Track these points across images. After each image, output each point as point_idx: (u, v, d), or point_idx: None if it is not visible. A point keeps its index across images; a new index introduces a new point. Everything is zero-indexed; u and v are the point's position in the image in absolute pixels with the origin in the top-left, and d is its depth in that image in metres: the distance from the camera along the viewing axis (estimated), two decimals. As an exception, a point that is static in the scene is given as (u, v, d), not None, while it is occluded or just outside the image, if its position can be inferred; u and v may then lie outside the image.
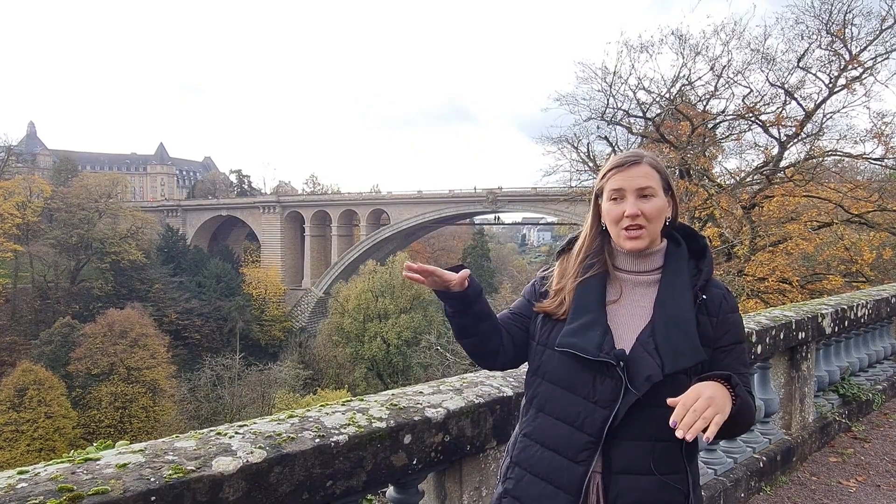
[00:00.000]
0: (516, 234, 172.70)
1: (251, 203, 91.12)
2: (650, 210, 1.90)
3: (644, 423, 1.82)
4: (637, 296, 1.96)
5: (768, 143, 20.07)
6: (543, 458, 1.92)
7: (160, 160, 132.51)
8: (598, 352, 1.84)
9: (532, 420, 1.99)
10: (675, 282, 1.92)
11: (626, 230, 1.90)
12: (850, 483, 4.80)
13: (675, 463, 1.87)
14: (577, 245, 2.06)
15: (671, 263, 1.97)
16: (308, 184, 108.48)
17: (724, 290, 1.98)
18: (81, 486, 1.63)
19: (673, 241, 2.01)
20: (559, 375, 1.93)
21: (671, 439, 1.79)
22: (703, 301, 1.91)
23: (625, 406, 1.80)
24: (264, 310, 75.43)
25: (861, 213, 17.81)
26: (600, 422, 1.82)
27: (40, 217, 72.60)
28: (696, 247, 2.02)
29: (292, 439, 2.06)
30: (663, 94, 21.30)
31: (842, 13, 17.82)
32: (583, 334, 1.88)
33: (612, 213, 1.93)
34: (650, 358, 1.81)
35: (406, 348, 54.84)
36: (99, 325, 52.97)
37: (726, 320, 1.93)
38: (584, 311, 1.93)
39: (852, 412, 6.08)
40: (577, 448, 1.86)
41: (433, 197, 79.51)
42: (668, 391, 1.77)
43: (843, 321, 6.01)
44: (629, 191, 1.90)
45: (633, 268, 1.99)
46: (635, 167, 1.93)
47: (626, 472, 1.83)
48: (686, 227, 2.07)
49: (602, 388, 1.84)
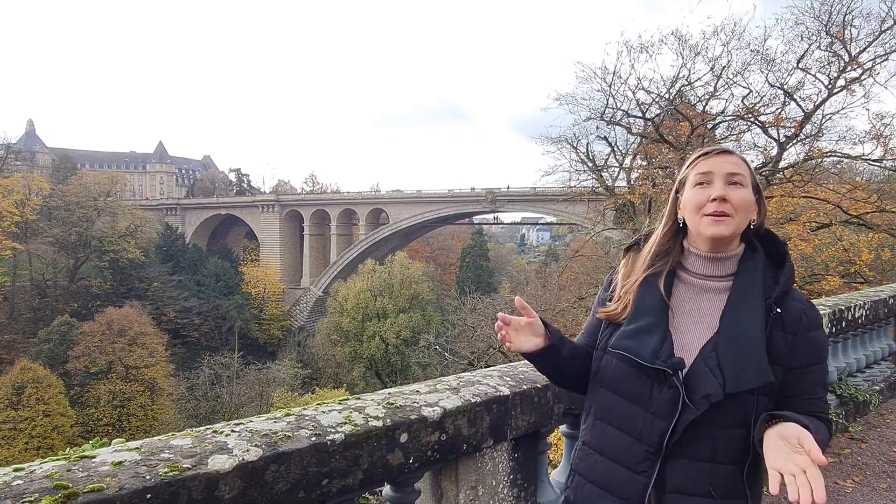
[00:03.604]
0: (515, 234, 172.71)
1: (250, 202, 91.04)
2: (738, 198, 1.76)
3: (702, 442, 1.70)
4: (704, 303, 1.81)
5: (767, 143, 20.10)
6: (604, 468, 1.85)
7: (159, 158, 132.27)
8: (653, 358, 1.73)
9: (591, 428, 1.92)
10: (747, 291, 1.77)
11: (711, 215, 1.76)
12: (846, 483, 4.81)
13: (736, 486, 1.74)
14: (650, 242, 1.92)
15: (745, 271, 1.81)
16: (307, 183, 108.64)
17: (805, 304, 1.79)
18: (77, 484, 1.62)
19: (750, 247, 1.86)
20: (615, 381, 1.83)
21: (731, 461, 1.73)
22: (779, 315, 1.74)
23: (683, 423, 1.69)
24: (263, 309, 75.43)
25: (860, 214, 17.82)
26: (659, 433, 1.72)
27: (39, 215, 72.53)
28: (775, 253, 1.85)
29: (288, 438, 2.05)
30: (663, 95, 21.32)
31: (841, 14, 17.84)
32: (639, 338, 1.77)
33: (697, 198, 1.79)
34: (711, 375, 1.68)
35: (405, 348, 54.84)
36: (97, 324, 52.94)
37: (805, 338, 1.74)
38: (644, 314, 1.81)
39: (849, 413, 6.08)
40: (637, 459, 1.76)
41: (432, 196, 79.45)
42: (729, 411, 1.68)
43: (840, 322, 6.01)
44: (718, 175, 1.77)
45: (705, 271, 1.84)
46: (726, 155, 1.82)
47: (680, 491, 1.73)
48: (768, 233, 1.88)
49: (660, 398, 1.73)
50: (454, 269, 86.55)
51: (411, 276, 60.20)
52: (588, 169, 22.86)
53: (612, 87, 21.32)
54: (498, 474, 2.85)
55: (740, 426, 1.70)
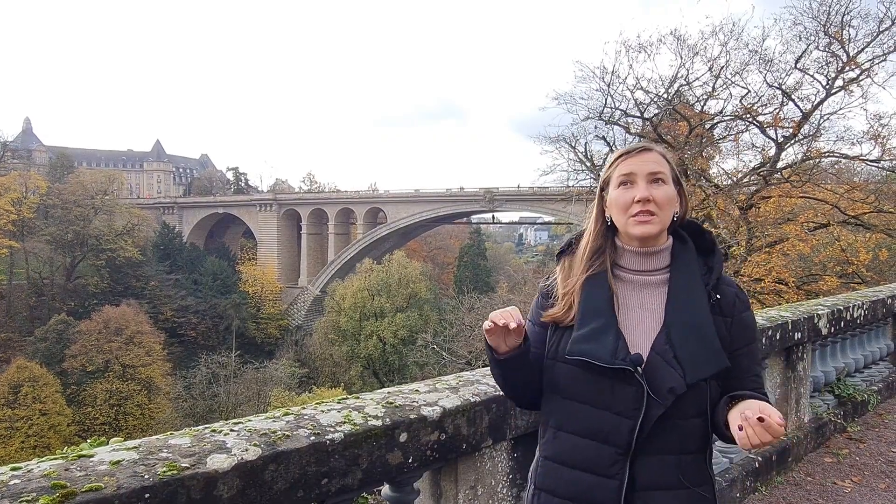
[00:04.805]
0: (513, 234, 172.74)
1: (248, 201, 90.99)
2: (661, 196, 1.79)
3: (668, 436, 1.73)
4: (646, 298, 1.84)
5: (765, 143, 20.12)
6: (571, 479, 1.80)
7: (157, 157, 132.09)
8: (612, 358, 1.72)
9: (552, 441, 1.88)
10: (686, 282, 1.81)
11: (636, 216, 1.79)
12: (845, 483, 4.81)
13: (702, 473, 1.79)
14: (583, 242, 1.93)
15: (679, 262, 1.85)
16: (305, 182, 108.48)
17: (735, 287, 1.88)
18: (75, 483, 1.61)
19: (678, 238, 1.90)
20: (575, 388, 1.80)
21: (697, 451, 1.76)
22: (717, 301, 1.81)
23: (650, 419, 1.70)
24: (260, 308, 75.32)
25: (857, 214, 17.86)
26: (627, 432, 1.72)
27: (36, 213, 72.46)
28: (703, 243, 1.91)
29: (287, 437, 2.05)
30: (661, 95, 21.32)
31: (840, 15, 17.85)
32: (595, 340, 1.75)
33: (621, 199, 1.82)
34: (670, 368, 1.70)
35: (402, 347, 54.79)
36: (94, 323, 52.89)
37: (741, 319, 1.83)
38: (593, 316, 1.80)
39: (848, 413, 6.09)
40: (606, 462, 1.74)
41: (430, 196, 79.47)
42: (690, 401, 1.71)
43: (838, 322, 6.02)
44: (640, 175, 1.80)
45: (640, 267, 1.86)
46: (647, 153, 1.84)
47: (652, 487, 1.73)
48: (692, 223, 1.95)
49: (622, 397, 1.73)
50: (452, 269, 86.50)
51: (409, 276, 60.16)
52: (586, 168, 22.85)
53: (610, 86, 21.31)
54: (497, 474, 2.84)
55: (700, 414, 1.75)
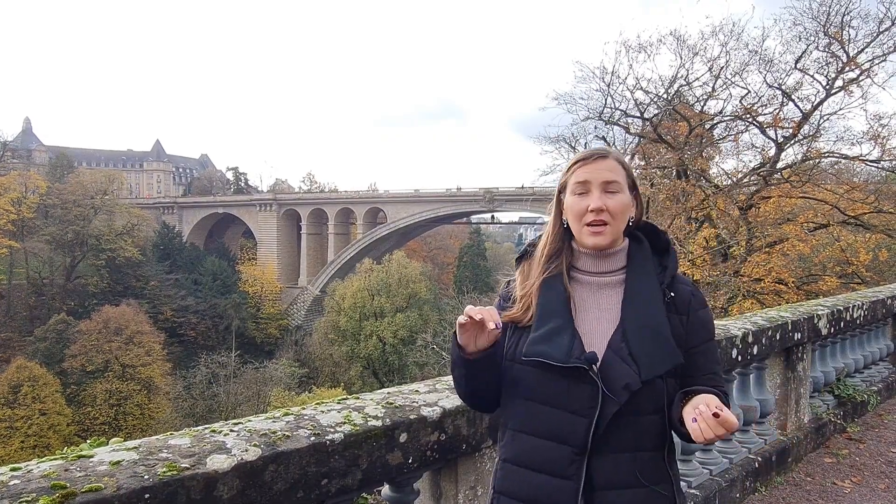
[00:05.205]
0: (513, 234, 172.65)
1: (248, 201, 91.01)
2: (615, 205, 1.81)
3: (624, 433, 1.73)
4: (602, 298, 1.86)
5: (765, 144, 20.12)
6: (531, 482, 1.80)
7: (156, 157, 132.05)
8: (567, 357, 1.73)
9: (510, 443, 1.87)
10: (641, 281, 1.84)
11: (590, 225, 1.81)
12: (844, 484, 4.81)
13: (661, 472, 1.80)
14: (540, 245, 1.95)
15: (635, 262, 1.88)
16: (305, 182, 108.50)
17: (690, 285, 1.91)
18: (75, 484, 1.61)
19: (634, 239, 1.92)
20: (532, 389, 1.80)
21: (654, 448, 1.77)
22: (672, 299, 1.83)
23: (605, 416, 1.71)
24: (260, 308, 75.34)
25: (857, 214, 17.87)
26: (583, 431, 1.72)
27: (36, 213, 72.48)
28: (658, 243, 1.94)
29: (287, 437, 2.04)
30: (661, 95, 21.31)
31: (839, 15, 17.85)
32: (550, 340, 1.76)
33: (576, 207, 1.84)
34: (625, 365, 1.72)
35: (402, 347, 54.85)
36: (94, 322, 52.92)
37: (696, 317, 1.85)
38: (549, 317, 1.81)
39: (847, 413, 6.10)
40: (564, 463, 1.74)
41: (430, 196, 79.51)
42: (646, 398, 1.72)
43: (838, 322, 6.02)
44: (595, 184, 1.82)
45: (595, 269, 1.89)
46: (602, 161, 1.85)
47: (609, 486, 1.73)
48: (648, 224, 1.97)
49: (578, 396, 1.73)
50: (452, 269, 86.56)
51: (409, 276, 60.21)
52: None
53: (610, 86, 21.29)
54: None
55: (657, 412, 1.76)
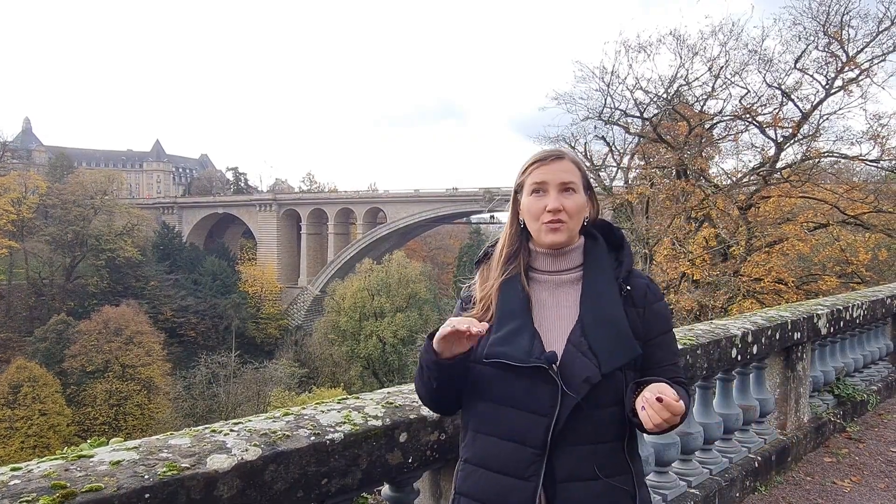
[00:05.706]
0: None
1: (248, 201, 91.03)
2: (571, 206, 1.85)
3: (584, 427, 1.75)
4: (561, 296, 1.88)
5: (765, 143, 20.14)
6: (489, 483, 1.80)
7: (156, 157, 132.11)
8: (527, 357, 1.74)
9: (471, 443, 1.87)
10: (597, 277, 1.87)
11: (547, 224, 1.85)
12: (844, 483, 4.81)
13: (620, 464, 1.81)
14: (499, 246, 1.97)
15: (591, 259, 1.91)
16: (305, 182, 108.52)
17: (646, 279, 1.94)
18: (75, 484, 1.61)
19: (590, 237, 1.96)
20: (492, 390, 1.81)
21: (612, 440, 1.79)
22: (629, 293, 1.86)
23: (565, 411, 1.72)
24: (260, 308, 75.34)
25: (857, 214, 17.89)
26: (543, 430, 1.73)
27: (35, 213, 72.47)
28: (613, 239, 1.97)
29: (287, 437, 2.05)
30: (661, 95, 21.33)
31: (839, 15, 17.88)
32: (510, 341, 1.78)
33: (534, 207, 1.87)
34: (585, 359, 1.74)
35: (402, 347, 54.86)
36: (94, 323, 52.91)
37: (653, 310, 1.88)
38: (509, 318, 1.83)
39: (847, 413, 6.10)
40: (523, 464, 1.75)
41: (430, 195, 79.54)
42: (606, 391, 1.74)
43: (838, 322, 6.02)
44: (552, 185, 1.85)
45: (553, 267, 1.91)
46: (558, 162, 1.88)
47: (570, 479, 1.75)
48: (602, 221, 2.01)
49: (539, 396, 1.74)
50: (452, 269, 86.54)
51: (409, 276, 60.21)
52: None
53: (610, 86, 21.33)
54: (497, 474, 2.84)
55: (616, 404, 1.78)
